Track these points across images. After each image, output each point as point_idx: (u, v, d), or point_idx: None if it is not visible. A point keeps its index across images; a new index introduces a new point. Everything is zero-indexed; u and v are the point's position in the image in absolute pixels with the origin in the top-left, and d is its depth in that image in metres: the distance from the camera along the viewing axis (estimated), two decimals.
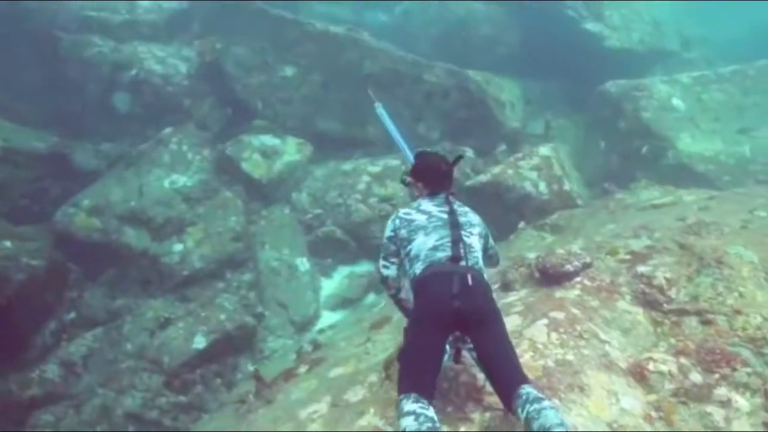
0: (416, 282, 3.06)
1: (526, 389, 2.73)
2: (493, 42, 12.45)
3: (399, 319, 5.33)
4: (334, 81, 10.14)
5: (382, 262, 3.35)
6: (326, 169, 9.65)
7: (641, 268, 4.33)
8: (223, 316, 7.09)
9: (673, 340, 3.77)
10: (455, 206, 3.32)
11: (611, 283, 4.33)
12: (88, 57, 9.61)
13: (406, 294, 3.38)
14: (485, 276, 3.12)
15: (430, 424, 2.56)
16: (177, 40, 10.43)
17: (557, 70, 12.11)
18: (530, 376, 3.28)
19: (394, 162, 9.00)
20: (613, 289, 4.26)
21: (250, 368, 7.00)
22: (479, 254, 3.19)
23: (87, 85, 9.74)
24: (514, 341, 3.14)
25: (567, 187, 7.72)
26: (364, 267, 8.41)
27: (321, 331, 7.26)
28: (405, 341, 3.00)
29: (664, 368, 3.43)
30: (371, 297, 7.93)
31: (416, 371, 2.79)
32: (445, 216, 3.22)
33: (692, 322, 3.87)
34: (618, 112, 9.73)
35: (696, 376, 3.40)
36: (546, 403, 2.66)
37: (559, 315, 3.77)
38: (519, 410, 2.66)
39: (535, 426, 2.53)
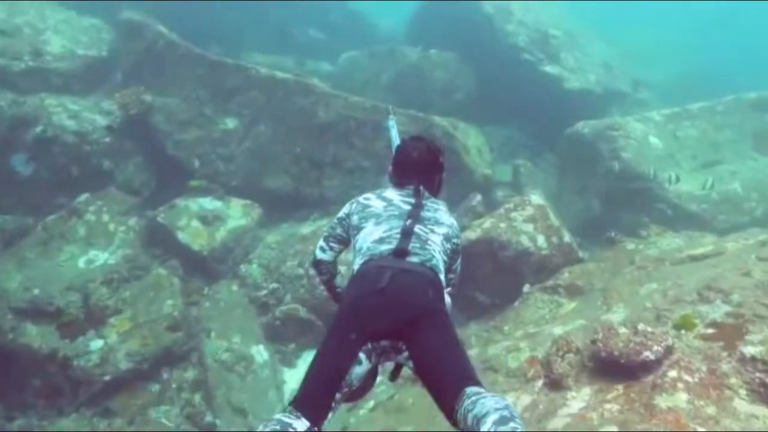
0: (348, 281, 2.58)
1: (468, 390, 2.12)
2: (448, 88, 11.86)
3: (416, 407, 3.95)
4: (282, 132, 8.92)
5: (320, 243, 2.93)
6: (280, 234, 8.29)
7: (748, 349, 3.22)
8: None
9: None
10: (427, 201, 2.76)
11: (711, 374, 3.18)
12: None
13: (342, 281, 2.96)
14: (441, 277, 2.50)
15: (277, 427, 2.00)
16: (96, 92, 8.89)
17: (516, 115, 11.71)
18: None
19: None
20: (718, 382, 3.11)
21: None
22: (437, 254, 2.57)
23: None
24: None
25: (567, 239, 6.72)
26: None
27: None
28: None
29: None
30: None
31: (308, 384, 2.23)
32: (407, 207, 2.69)
33: None
34: (594, 154, 9.06)
35: None
36: (486, 394, 2.08)
37: None
38: (458, 416, 2.05)
39: (470, 418, 1.98)
